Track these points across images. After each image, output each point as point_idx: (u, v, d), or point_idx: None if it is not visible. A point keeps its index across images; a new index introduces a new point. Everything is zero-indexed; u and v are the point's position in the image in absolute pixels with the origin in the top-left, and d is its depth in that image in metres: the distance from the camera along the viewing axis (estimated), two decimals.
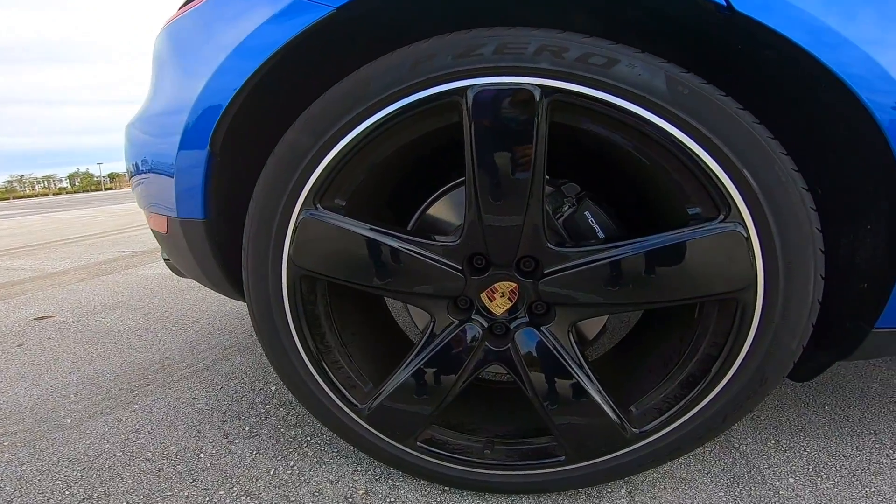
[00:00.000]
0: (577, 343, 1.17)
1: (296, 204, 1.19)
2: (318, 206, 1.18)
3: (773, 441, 1.52)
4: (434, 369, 1.22)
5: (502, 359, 1.20)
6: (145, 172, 1.51)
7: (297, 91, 1.25)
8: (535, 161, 1.05)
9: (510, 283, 1.17)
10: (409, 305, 1.38)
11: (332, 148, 1.14)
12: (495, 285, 1.17)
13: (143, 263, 5.25)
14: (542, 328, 1.17)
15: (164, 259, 1.98)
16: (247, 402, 2.03)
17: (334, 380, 1.28)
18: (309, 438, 1.72)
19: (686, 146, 1.02)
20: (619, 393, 1.21)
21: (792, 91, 1.11)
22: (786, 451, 1.52)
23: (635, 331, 1.50)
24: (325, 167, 1.15)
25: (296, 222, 1.19)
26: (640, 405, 1.22)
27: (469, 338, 1.20)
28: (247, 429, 1.81)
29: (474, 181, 1.08)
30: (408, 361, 1.23)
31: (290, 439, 1.72)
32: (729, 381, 1.12)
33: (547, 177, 1.14)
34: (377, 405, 1.28)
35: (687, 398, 1.16)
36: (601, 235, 1.22)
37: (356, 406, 1.30)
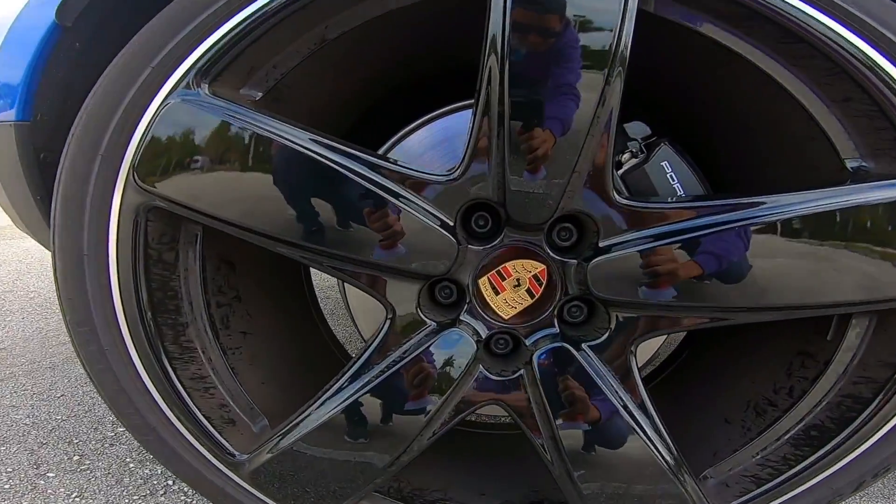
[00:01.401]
0: (639, 375, 0.63)
1: (165, 81, 0.62)
2: (204, 87, 0.61)
3: None
4: (382, 402, 0.64)
5: (506, 396, 0.65)
6: None
7: None
8: (614, 59, 0.53)
9: (534, 262, 0.62)
10: (348, 292, 0.80)
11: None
12: (507, 265, 0.62)
13: None
14: (584, 346, 0.63)
15: None
16: (91, 420, 1.35)
17: (195, 410, 0.67)
18: (170, 483, 1.15)
19: (865, 58, 0.57)
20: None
21: None
22: None
23: (688, 356, 0.98)
24: (233, 27, 0.61)
25: (157, 109, 0.62)
26: (720, 471, 0.72)
27: (450, 356, 0.63)
28: (76, 458, 1.18)
29: (502, 78, 0.55)
30: (337, 385, 0.65)
31: (140, 480, 1.14)
32: (888, 433, 0.65)
33: None
34: (273, 458, 0.68)
35: (809, 462, 0.68)
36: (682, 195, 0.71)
37: (232, 456, 0.69)
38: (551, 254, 0.62)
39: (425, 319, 0.64)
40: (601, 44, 0.55)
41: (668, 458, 0.65)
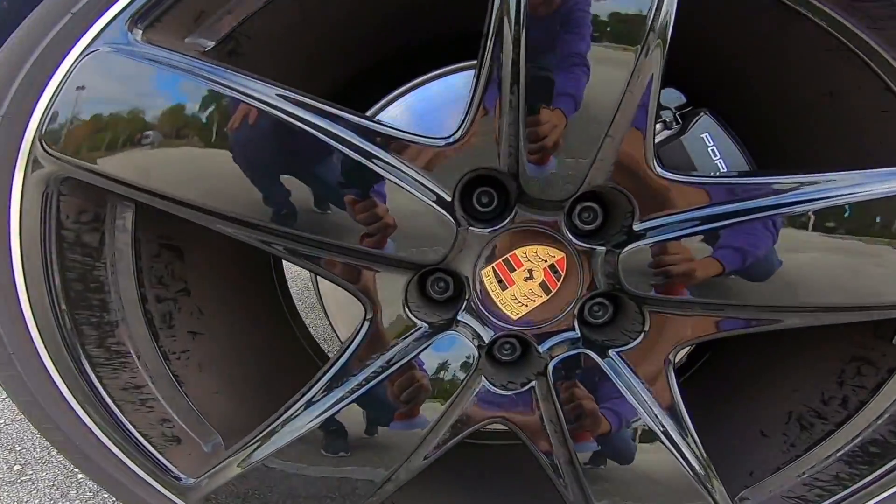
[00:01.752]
0: (679, 390, 0.51)
1: (87, 28, 0.48)
2: (137, 33, 0.48)
3: None
4: (360, 422, 0.51)
5: (512, 412, 0.52)
6: None
7: None
8: None
9: (551, 249, 0.50)
10: (321, 282, 0.67)
11: None
12: (516, 252, 0.50)
13: None
14: (611, 353, 0.51)
15: None
16: None
17: (129, 426, 0.54)
18: None
19: None
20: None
21: None
22: None
23: (712, 355, 0.85)
24: None
25: (76, 59, 0.48)
26: (760, 492, 0.61)
27: (445, 365, 0.50)
28: (17, 467, 1.09)
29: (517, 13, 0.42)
30: (304, 399, 0.52)
31: (89, 493, 0.99)
32: None
33: None
34: (232, 480, 0.55)
35: (866, 481, 0.58)
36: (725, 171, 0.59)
37: (177, 480, 0.56)
38: (573, 239, 0.49)
39: (414, 320, 0.50)
40: None
41: (697, 473, 0.54)
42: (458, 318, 0.51)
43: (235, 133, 0.47)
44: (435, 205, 0.47)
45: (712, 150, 0.58)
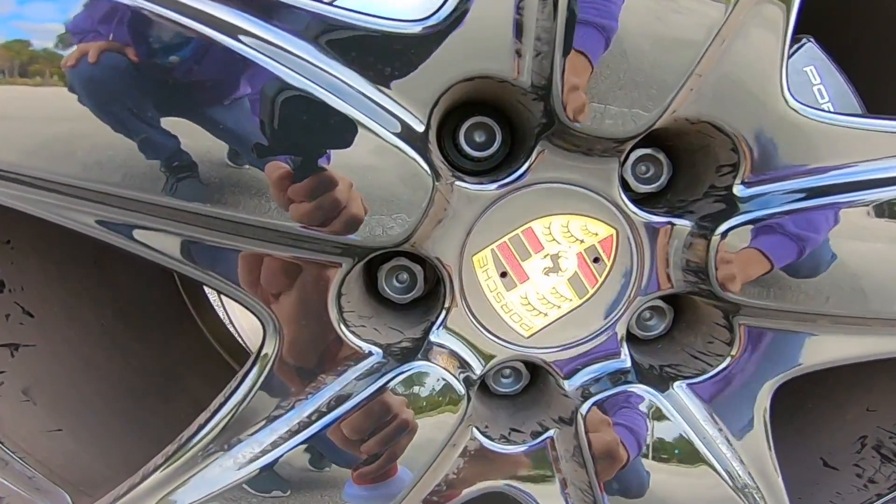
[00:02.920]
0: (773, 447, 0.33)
1: None
2: None
3: None
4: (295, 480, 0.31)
5: (518, 477, 0.33)
6: None
7: None
8: None
9: (595, 222, 0.29)
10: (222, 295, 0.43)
11: None
12: (532, 226, 0.29)
13: None
14: (675, 388, 0.31)
15: None
16: None
17: None
18: None
19: None
20: None
21: None
22: None
23: None
24: None
25: None
26: None
27: (411, 418, 0.30)
28: None
29: None
30: (173, 466, 0.31)
31: None
32: None
33: None
34: None
35: None
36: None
37: None
38: (632, 207, 0.28)
39: (357, 343, 0.29)
40: None
41: None
42: (432, 337, 0.30)
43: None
44: (397, 140, 0.25)
45: (819, 89, 0.38)
